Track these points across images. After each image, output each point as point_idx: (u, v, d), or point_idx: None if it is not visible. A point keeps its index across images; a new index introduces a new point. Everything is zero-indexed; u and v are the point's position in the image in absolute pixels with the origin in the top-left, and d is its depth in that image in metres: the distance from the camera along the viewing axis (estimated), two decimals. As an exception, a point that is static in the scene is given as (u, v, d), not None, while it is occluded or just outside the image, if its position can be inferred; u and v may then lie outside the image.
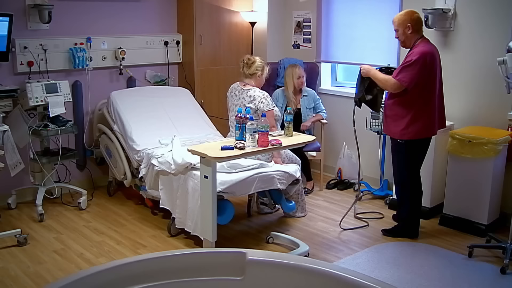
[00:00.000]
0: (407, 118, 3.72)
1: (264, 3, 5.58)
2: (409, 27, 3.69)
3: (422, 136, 3.79)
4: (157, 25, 5.32)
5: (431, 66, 3.67)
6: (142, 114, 4.60)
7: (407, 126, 3.72)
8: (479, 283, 3.32)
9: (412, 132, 3.73)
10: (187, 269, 1.95)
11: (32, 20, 4.48)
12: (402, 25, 3.72)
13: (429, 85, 3.70)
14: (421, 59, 3.60)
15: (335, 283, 1.85)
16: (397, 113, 3.77)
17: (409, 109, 3.71)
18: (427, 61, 3.63)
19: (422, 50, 3.65)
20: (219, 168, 3.68)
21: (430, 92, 3.72)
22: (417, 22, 3.72)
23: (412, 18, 3.71)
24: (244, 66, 4.23)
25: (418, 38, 3.74)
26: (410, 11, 3.76)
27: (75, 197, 4.67)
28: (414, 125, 3.72)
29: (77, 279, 1.78)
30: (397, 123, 3.76)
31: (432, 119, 3.77)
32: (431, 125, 3.79)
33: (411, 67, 3.62)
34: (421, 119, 3.72)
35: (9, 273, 3.40)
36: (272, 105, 4.15)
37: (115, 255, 3.70)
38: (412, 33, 3.71)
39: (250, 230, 4.20)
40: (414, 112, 3.70)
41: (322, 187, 5.13)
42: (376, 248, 3.82)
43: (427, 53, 3.64)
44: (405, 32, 3.72)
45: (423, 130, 3.76)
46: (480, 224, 4.02)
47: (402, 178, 3.94)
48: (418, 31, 3.74)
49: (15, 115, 4.33)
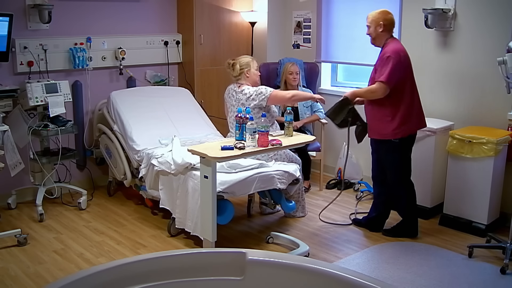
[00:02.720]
0: (398, 117, 3.74)
1: (264, 3, 5.58)
2: (381, 26, 3.75)
3: (414, 131, 3.88)
4: (157, 25, 5.32)
5: (407, 63, 3.74)
6: (142, 114, 4.60)
7: (399, 125, 3.74)
8: (479, 283, 3.32)
9: (405, 130, 3.77)
10: (187, 269, 1.95)
11: (32, 20, 4.48)
12: (375, 22, 3.78)
13: (410, 81, 3.76)
14: (396, 56, 3.66)
15: (335, 283, 1.85)
16: (385, 114, 3.77)
17: (398, 107, 3.74)
18: (401, 57, 3.68)
19: (394, 48, 3.70)
20: (219, 168, 3.68)
21: (412, 87, 3.79)
22: (390, 22, 3.78)
23: (385, 17, 3.77)
24: (230, 71, 4.23)
25: (388, 37, 3.79)
26: (385, 11, 3.81)
27: (75, 197, 4.67)
28: (406, 122, 3.76)
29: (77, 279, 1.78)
30: (388, 124, 3.77)
31: (420, 112, 3.87)
32: (421, 118, 3.89)
33: (387, 65, 3.66)
34: (411, 115, 3.78)
35: (9, 273, 3.40)
36: (270, 89, 4.12)
37: (115, 255, 3.70)
38: (383, 31, 3.77)
39: (250, 230, 4.20)
40: (403, 110, 3.74)
41: (322, 187, 5.13)
42: (376, 248, 3.82)
43: (400, 50, 3.71)
44: (376, 29, 3.78)
45: (415, 125, 3.85)
46: (480, 224, 4.02)
47: (400, 178, 3.93)
48: (389, 31, 3.80)
49: (15, 115, 4.33)
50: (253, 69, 4.20)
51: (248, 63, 4.18)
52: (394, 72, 3.64)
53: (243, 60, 4.20)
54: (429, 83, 4.59)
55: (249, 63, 4.19)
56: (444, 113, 4.50)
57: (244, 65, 4.17)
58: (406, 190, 3.95)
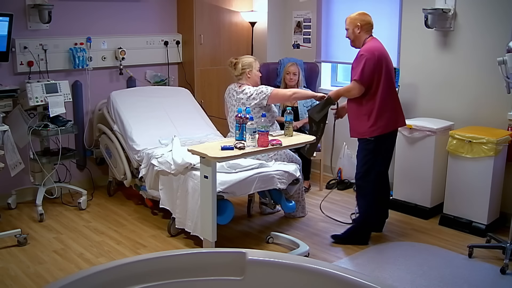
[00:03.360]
0: (373, 114, 3.70)
1: (264, 3, 5.59)
2: (359, 27, 3.75)
3: (390, 129, 3.81)
4: (157, 25, 5.32)
5: (382, 60, 3.69)
6: (142, 114, 4.60)
7: (375, 122, 3.71)
8: (479, 283, 3.32)
9: (381, 127, 3.73)
10: (187, 269, 1.95)
11: (32, 20, 4.48)
12: (352, 24, 3.78)
13: (385, 79, 3.70)
14: (369, 54, 3.65)
15: (335, 283, 1.85)
16: (362, 112, 3.76)
17: (373, 105, 3.70)
18: (375, 55, 3.66)
19: (369, 46, 3.71)
20: (219, 168, 3.68)
21: (389, 85, 3.73)
22: (367, 23, 3.78)
23: (362, 19, 3.77)
24: (231, 69, 4.23)
25: (367, 38, 3.79)
26: (362, 13, 3.81)
27: (75, 197, 4.67)
28: (382, 119, 3.71)
29: (77, 279, 1.78)
30: (364, 122, 3.75)
31: (397, 110, 3.83)
32: (397, 116, 3.83)
33: (360, 64, 3.66)
34: (386, 113, 3.73)
35: (9, 273, 3.40)
36: (271, 88, 4.12)
37: (115, 255, 3.70)
38: (361, 33, 3.76)
39: (250, 230, 4.20)
40: (378, 107, 3.70)
41: (322, 187, 5.13)
42: (376, 248, 3.82)
43: (375, 49, 3.69)
44: (354, 31, 3.77)
45: (391, 123, 3.78)
46: (480, 224, 4.02)
47: (363, 178, 3.86)
48: (367, 31, 3.79)
49: (15, 115, 4.33)
50: (254, 70, 4.20)
51: (250, 64, 4.19)
52: (367, 70, 3.63)
53: (245, 60, 4.20)
54: (429, 83, 4.59)
55: (252, 63, 4.19)
56: (444, 113, 4.50)
57: (246, 66, 4.18)
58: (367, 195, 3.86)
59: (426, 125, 4.30)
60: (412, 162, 4.39)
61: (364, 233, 3.92)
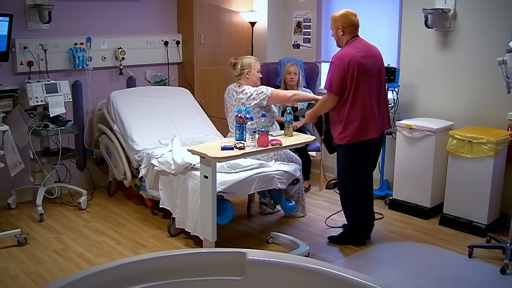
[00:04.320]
0: (341, 123, 3.63)
1: (264, 3, 5.59)
2: (341, 29, 3.66)
3: (358, 139, 3.62)
4: (157, 25, 5.32)
5: (354, 67, 3.52)
6: (142, 114, 4.60)
7: (343, 131, 3.64)
8: (479, 283, 3.32)
9: (348, 136, 3.63)
10: (187, 269, 1.95)
11: (32, 20, 4.48)
12: (334, 25, 3.70)
13: (359, 86, 3.54)
14: (338, 61, 3.56)
15: (335, 283, 1.85)
16: (334, 118, 3.71)
17: (343, 112, 3.61)
18: (345, 62, 3.53)
19: (341, 53, 3.61)
20: (219, 168, 3.68)
21: (364, 94, 3.57)
22: (349, 25, 3.65)
23: (344, 21, 3.64)
24: (231, 69, 4.22)
25: (349, 39, 3.68)
26: (346, 13, 3.68)
27: (75, 197, 4.67)
28: (348, 129, 3.61)
29: (77, 279, 1.78)
30: (335, 128, 3.70)
31: (366, 121, 3.60)
32: (366, 127, 3.61)
33: (329, 72, 3.62)
34: (355, 122, 3.58)
35: (9, 273, 3.40)
36: (271, 89, 4.11)
37: (115, 255, 3.70)
38: (344, 35, 3.68)
39: (250, 230, 4.20)
40: (345, 116, 3.59)
41: (322, 187, 5.13)
42: (376, 248, 3.82)
43: (346, 55, 3.57)
44: (337, 33, 3.70)
45: (357, 134, 3.61)
46: (480, 224, 4.02)
47: (344, 184, 3.85)
48: (350, 33, 3.67)
49: (15, 115, 4.33)
50: (254, 71, 4.18)
51: (249, 64, 4.17)
52: (335, 79, 3.55)
53: (245, 60, 4.19)
54: (429, 83, 4.59)
55: (251, 64, 4.17)
56: (444, 113, 4.50)
57: (246, 66, 4.17)
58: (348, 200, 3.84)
59: (426, 125, 4.30)
60: (412, 162, 4.39)
61: (357, 236, 3.90)
